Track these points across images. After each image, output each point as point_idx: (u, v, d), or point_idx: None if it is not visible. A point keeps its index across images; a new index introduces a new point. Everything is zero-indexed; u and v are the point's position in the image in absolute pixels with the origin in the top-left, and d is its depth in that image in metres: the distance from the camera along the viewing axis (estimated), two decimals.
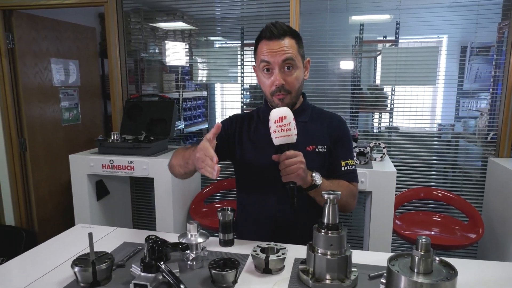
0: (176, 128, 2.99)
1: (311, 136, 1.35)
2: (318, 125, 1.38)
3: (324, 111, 1.47)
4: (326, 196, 0.95)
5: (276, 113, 1.12)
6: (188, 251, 1.06)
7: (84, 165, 2.33)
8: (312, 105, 1.45)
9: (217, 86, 3.54)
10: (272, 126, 1.12)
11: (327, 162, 1.36)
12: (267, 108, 1.35)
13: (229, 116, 1.50)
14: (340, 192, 0.96)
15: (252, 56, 1.37)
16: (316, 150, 1.34)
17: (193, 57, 2.91)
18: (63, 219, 3.11)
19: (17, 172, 2.86)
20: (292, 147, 1.13)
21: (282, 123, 1.10)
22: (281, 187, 1.14)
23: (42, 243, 1.30)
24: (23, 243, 2.81)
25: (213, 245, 1.23)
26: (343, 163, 1.35)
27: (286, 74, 1.26)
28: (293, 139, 1.12)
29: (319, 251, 0.96)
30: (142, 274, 0.95)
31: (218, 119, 3.42)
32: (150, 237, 0.96)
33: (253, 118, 1.44)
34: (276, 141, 1.12)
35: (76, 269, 0.96)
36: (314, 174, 1.18)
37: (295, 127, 1.12)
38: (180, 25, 3.05)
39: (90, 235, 0.98)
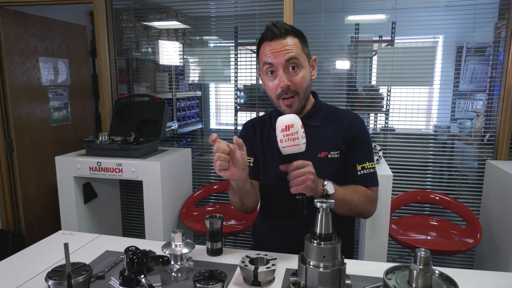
0: (169, 129, 2.92)
1: (323, 142, 1.27)
2: (331, 128, 1.30)
3: (337, 109, 1.38)
4: (318, 204, 0.89)
5: (282, 122, 1.06)
6: (173, 262, 1.00)
7: (71, 167, 2.25)
8: (326, 104, 1.37)
9: (211, 86, 3.47)
10: (279, 135, 1.06)
11: (342, 167, 1.28)
12: (278, 113, 1.28)
13: (243, 126, 1.44)
14: (333, 201, 0.90)
15: (246, 55, 1.31)
16: (329, 156, 1.26)
17: (186, 56, 2.85)
18: (52, 222, 3.03)
19: (4, 174, 2.78)
20: (302, 155, 1.07)
21: (288, 132, 1.04)
22: (292, 197, 1.08)
23: (28, 247, 1.24)
24: (10, 246, 2.73)
25: (200, 254, 1.16)
26: (359, 167, 1.26)
27: (291, 74, 1.19)
28: (302, 148, 1.06)
29: (311, 263, 0.90)
30: None
31: (212, 119, 3.37)
32: (130, 248, 0.89)
33: (265, 124, 1.39)
34: (284, 150, 1.07)
35: (50, 282, 0.89)
36: (325, 183, 1.11)
37: (304, 135, 1.06)
38: (173, 24, 2.98)
39: (66, 245, 0.91)
